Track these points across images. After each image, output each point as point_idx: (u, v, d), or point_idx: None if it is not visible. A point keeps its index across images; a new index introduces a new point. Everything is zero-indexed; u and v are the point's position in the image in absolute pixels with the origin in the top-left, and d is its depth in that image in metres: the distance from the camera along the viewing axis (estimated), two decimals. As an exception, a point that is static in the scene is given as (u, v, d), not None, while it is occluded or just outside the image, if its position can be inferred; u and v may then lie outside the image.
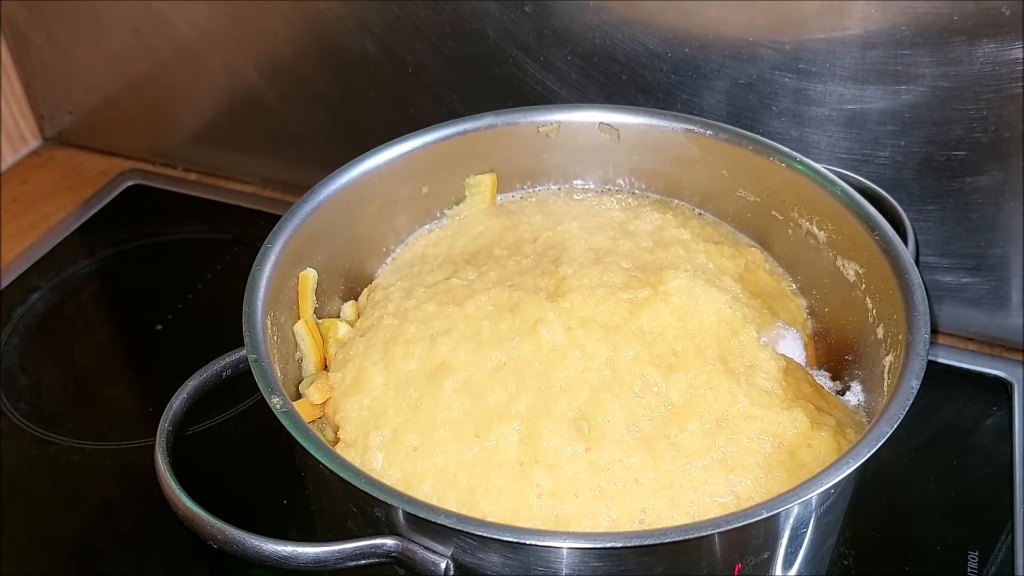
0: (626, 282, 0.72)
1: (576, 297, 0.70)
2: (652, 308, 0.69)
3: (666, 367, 0.67)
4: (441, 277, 0.76)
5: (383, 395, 0.67)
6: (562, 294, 0.70)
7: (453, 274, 0.76)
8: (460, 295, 0.72)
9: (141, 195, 1.17)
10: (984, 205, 0.86)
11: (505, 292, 0.72)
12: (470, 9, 0.93)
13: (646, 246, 0.78)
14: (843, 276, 0.73)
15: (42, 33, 1.15)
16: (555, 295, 0.71)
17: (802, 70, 0.85)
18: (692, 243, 0.78)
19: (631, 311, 0.69)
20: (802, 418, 0.64)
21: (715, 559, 0.56)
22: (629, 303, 0.70)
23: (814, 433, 0.64)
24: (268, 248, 0.69)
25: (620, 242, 0.78)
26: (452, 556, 0.55)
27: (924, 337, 0.62)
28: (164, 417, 0.63)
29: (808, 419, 0.64)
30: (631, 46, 0.90)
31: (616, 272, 0.73)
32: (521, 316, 0.69)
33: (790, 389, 0.68)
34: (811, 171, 0.74)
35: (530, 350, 0.67)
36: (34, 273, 1.05)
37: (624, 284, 0.72)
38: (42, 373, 0.95)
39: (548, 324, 0.67)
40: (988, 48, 0.78)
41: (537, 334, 0.67)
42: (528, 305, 0.69)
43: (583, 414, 0.64)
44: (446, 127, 0.79)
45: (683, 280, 0.71)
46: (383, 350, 0.70)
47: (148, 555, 0.79)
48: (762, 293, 0.76)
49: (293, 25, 1.01)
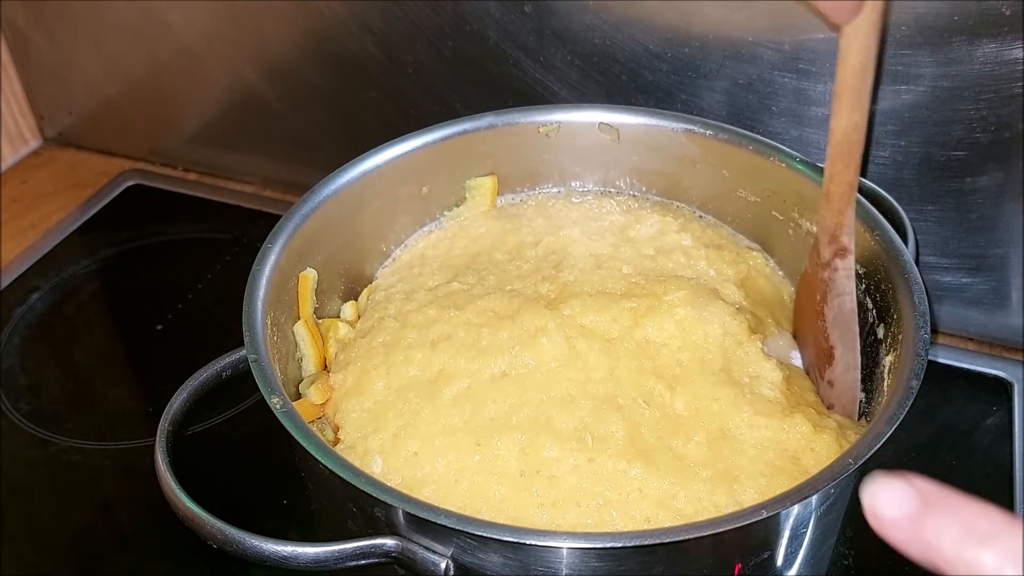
0: (627, 289, 0.72)
1: (577, 304, 0.69)
2: (655, 319, 0.69)
3: (670, 378, 0.66)
4: (442, 280, 0.76)
5: (384, 398, 0.67)
6: (563, 301, 0.70)
7: (454, 278, 0.76)
8: (461, 300, 0.72)
9: (141, 195, 1.17)
10: (984, 205, 0.86)
11: (505, 298, 0.71)
12: (470, 9, 0.93)
13: (647, 253, 0.78)
14: (843, 276, 0.73)
15: (42, 33, 1.15)
16: (555, 302, 0.70)
17: (802, 70, 0.85)
18: (693, 249, 0.78)
19: (634, 321, 0.69)
20: (804, 423, 0.64)
21: (715, 559, 0.56)
22: (631, 312, 0.69)
23: (816, 437, 0.64)
24: (268, 248, 0.69)
25: (621, 248, 0.78)
26: (452, 556, 0.55)
27: (924, 337, 0.62)
28: (164, 417, 0.63)
29: (810, 423, 0.64)
30: (631, 46, 0.90)
31: (617, 279, 0.73)
32: (521, 324, 0.68)
33: (792, 397, 0.67)
34: (811, 171, 0.74)
35: (531, 360, 0.66)
36: (34, 273, 1.05)
37: (625, 292, 0.72)
38: (42, 373, 0.95)
39: (548, 334, 0.67)
40: (988, 48, 0.78)
41: (537, 344, 0.67)
42: (528, 313, 0.69)
43: (586, 425, 0.63)
44: (446, 127, 0.79)
45: (687, 292, 0.70)
46: (384, 353, 0.69)
47: (148, 555, 0.79)
48: (764, 300, 0.76)
49: (293, 25, 1.01)
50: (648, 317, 0.69)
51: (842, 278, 0.67)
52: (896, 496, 0.38)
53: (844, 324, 0.67)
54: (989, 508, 0.37)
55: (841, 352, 0.68)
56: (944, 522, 0.37)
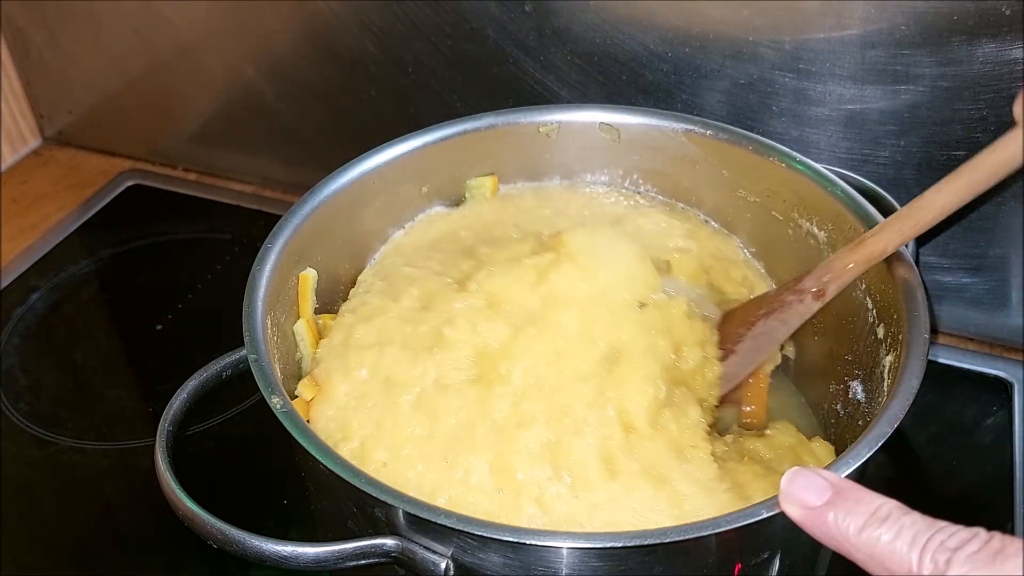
0: (534, 249, 0.72)
1: (483, 274, 0.69)
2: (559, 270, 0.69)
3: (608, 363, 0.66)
4: (400, 264, 0.76)
5: (346, 405, 0.66)
6: (471, 274, 0.70)
7: (409, 262, 0.76)
8: (399, 287, 0.71)
9: (141, 195, 1.17)
10: (984, 205, 0.86)
11: (429, 283, 0.70)
12: (470, 9, 0.93)
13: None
14: (843, 276, 0.73)
15: (42, 33, 1.15)
16: (465, 279, 0.70)
17: (802, 70, 0.85)
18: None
19: (538, 277, 0.69)
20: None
21: (715, 559, 0.56)
22: (534, 269, 0.69)
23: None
24: (268, 248, 0.69)
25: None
26: (452, 556, 0.55)
27: (924, 337, 0.62)
28: (164, 417, 0.63)
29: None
30: (631, 46, 0.90)
31: (528, 244, 0.73)
32: (434, 313, 0.67)
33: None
34: (811, 171, 0.74)
35: (449, 362, 0.65)
36: (34, 273, 1.05)
37: (531, 252, 0.72)
38: (42, 373, 0.95)
39: (452, 324, 0.66)
40: (988, 48, 0.78)
41: (443, 338, 0.66)
42: (438, 298, 0.68)
43: (554, 456, 0.61)
44: (446, 127, 0.79)
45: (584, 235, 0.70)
46: (341, 354, 0.68)
47: (148, 555, 0.79)
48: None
49: (293, 25, 1.01)
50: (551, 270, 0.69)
51: (797, 312, 0.68)
52: (812, 486, 0.45)
53: (759, 347, 0.69)
54: (888, 499, 0.44)
55: (734, 361, 0.70)
56: (851, 508, 0.44)
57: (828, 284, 0.66)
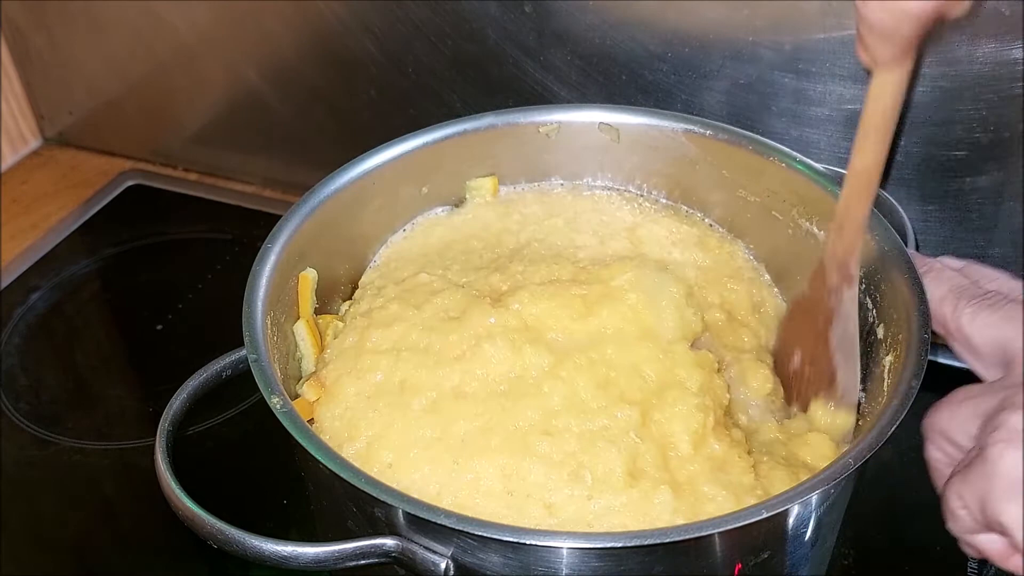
0: (575, 275, 0.72)
1: (525, 295, 0.68)
2: (609, 306, 0.68)
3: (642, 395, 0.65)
4: (411, 272, 0.75)
5: (355, 405, 0.65)
6: (511, 293, 0.69)
7: (423, 268, 0.75)
8: (420, 296, 0.71)
9: (141, 195, 1.17)
10: (984, 205, 0.86)
11: (457, 295, 0.70)
12: (470, 9, 0.93)
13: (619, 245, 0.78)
14: (843, 276, 0.72)
15: (42, 33, 1.15)
16: (502, 297, 0.69)
17: (802, 70, 0.85)
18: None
19: (585, 309, 0.68)
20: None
21: (715, 559, 0.56)
22: (582, 300, 0.68)
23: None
24: (268, 248, 0.69)
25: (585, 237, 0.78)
26: (452, 556, 0.55)
27: (924, 337, 0.62)
28: (164, 417, 0.63)
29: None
30: (631, 46, 0.90)
31: (566, 267, 0.73)
32: (467, 326, 0.67)
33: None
34: (811, 171, 0.74)
35: (480, 372, 0.65)
36: (34, 273, 1.05)
37: (572, 278, 0.71)
38: (42, 373, 0.95)
39: (492, 340, 0.65)
40: (988, 48, 0.78)
41: (482, 352, 0.65)
42: (473, 313, 0.67)
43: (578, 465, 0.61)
44: (446, 127, 0.79)
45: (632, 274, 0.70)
46: (353, 357, 0.68)
47: (148, 555, 0.79)
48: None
49: (293, 26, 1.01)
50: (600, 305, 0.68)
51: (847, 304, 0.67)
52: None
53: (847, 349, 0.68)
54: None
55: (843, 375, 0.68)
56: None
57: (847, 268, 0.66)
